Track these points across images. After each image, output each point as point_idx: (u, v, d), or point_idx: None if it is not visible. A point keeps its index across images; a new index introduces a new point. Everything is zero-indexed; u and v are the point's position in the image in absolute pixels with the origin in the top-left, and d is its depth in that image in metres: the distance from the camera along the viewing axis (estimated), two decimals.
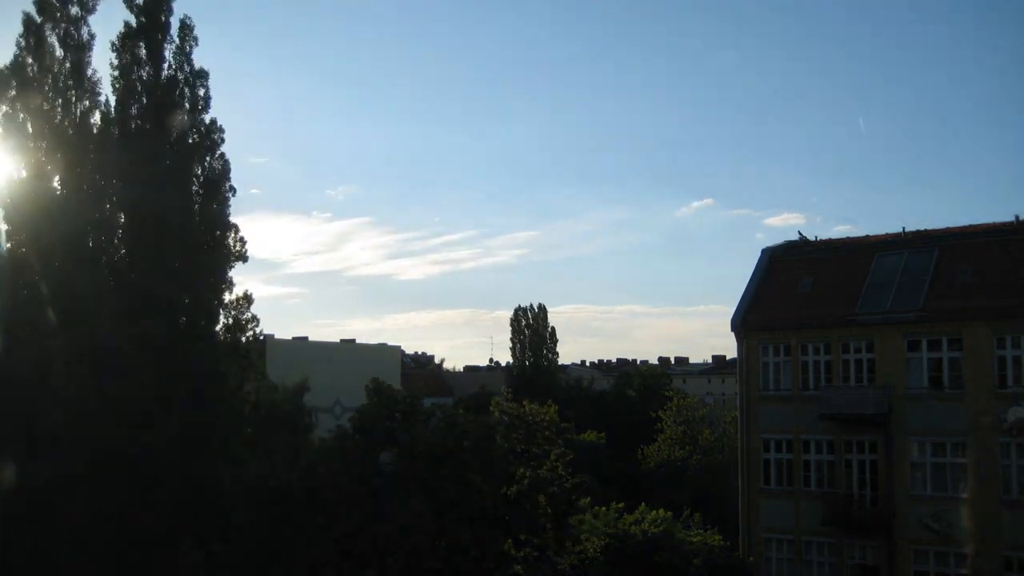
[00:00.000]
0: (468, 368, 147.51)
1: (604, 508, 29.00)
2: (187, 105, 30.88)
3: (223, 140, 31.71)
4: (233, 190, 31.96)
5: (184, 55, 30.62)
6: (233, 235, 32.01)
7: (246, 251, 32.13)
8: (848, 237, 36.29)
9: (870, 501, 30.73)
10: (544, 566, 24.31)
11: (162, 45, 30.29)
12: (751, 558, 31.57)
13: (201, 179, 31.50)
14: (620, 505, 29.79)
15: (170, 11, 30.48)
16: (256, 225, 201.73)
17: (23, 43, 28.39)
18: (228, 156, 31.99)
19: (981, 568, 28.44)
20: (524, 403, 27.38)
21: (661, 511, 29.58)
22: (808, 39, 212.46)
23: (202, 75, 30.91)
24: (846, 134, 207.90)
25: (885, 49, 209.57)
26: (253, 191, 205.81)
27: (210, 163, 31.64)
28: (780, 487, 32.49)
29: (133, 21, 30.10)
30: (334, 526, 24.14)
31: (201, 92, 31.07)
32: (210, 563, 24.26)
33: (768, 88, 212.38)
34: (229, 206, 32.14)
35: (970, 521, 28.81)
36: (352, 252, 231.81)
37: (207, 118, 31.26)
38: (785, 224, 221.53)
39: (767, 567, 32.23)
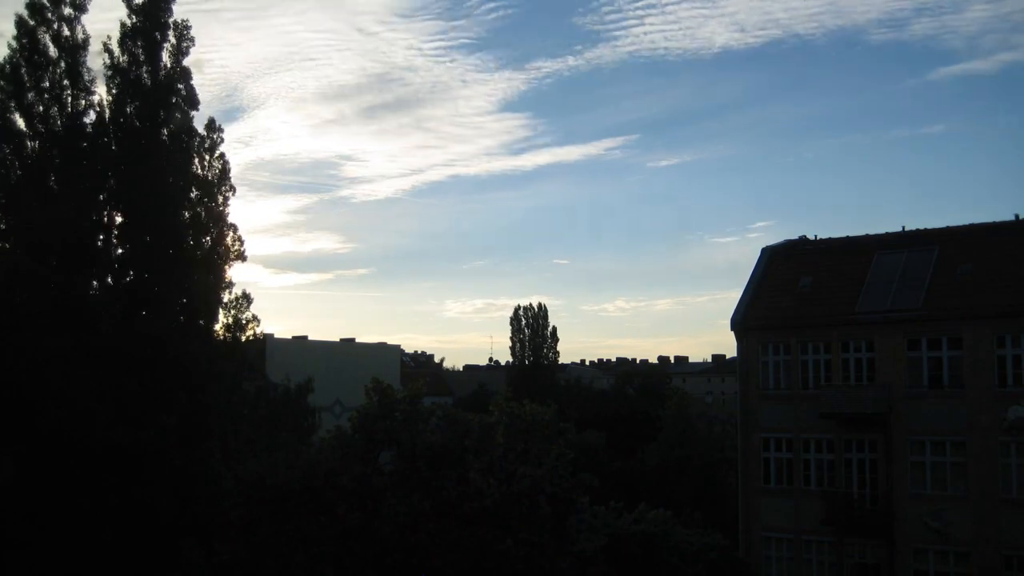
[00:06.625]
0: (468, 367, 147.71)
1: (604, 507, 28.96)
2: (183, 104, 30.92)
3: (222, 140, 31.79)
4: (233, 189, 32.00)
5: (179, 54, 30.67)
6: (232, 235, 32.00)
7: (244, 250, 32.15)
8: (848, 236, 36.14)
9: (870, 500, 30.69)
10: (544, 565, 24.28)
11: (160, 45, 30.37)
12: (751, 558, 31.54)
13: (199, 178, 31.54)
14: (620, 504, 29.75)
15: (169, 12, 30.58)
16: None
17: (15, 44, 28.46)
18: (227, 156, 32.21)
19: (981, 567, 28.43)
20: (524, 402, 27.36)
21: (661, 510, 29.53)
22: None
23: (186, 74, 30.91)
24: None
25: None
26: None
27: (209, 162, 31.70)
28: (780, 486, 32.44)
29: (130, 21, 30.16)
30: (334, 526, 24.12)
31: (188, 91, 31.10)
32: (210, 562, 24.26)
33: None
34: (228, 206, 32.15)
35: (970, 520, 28.80)
36: None
37: (197, 115, 31.34)
38: None
39: (767, 566, 32.19)
